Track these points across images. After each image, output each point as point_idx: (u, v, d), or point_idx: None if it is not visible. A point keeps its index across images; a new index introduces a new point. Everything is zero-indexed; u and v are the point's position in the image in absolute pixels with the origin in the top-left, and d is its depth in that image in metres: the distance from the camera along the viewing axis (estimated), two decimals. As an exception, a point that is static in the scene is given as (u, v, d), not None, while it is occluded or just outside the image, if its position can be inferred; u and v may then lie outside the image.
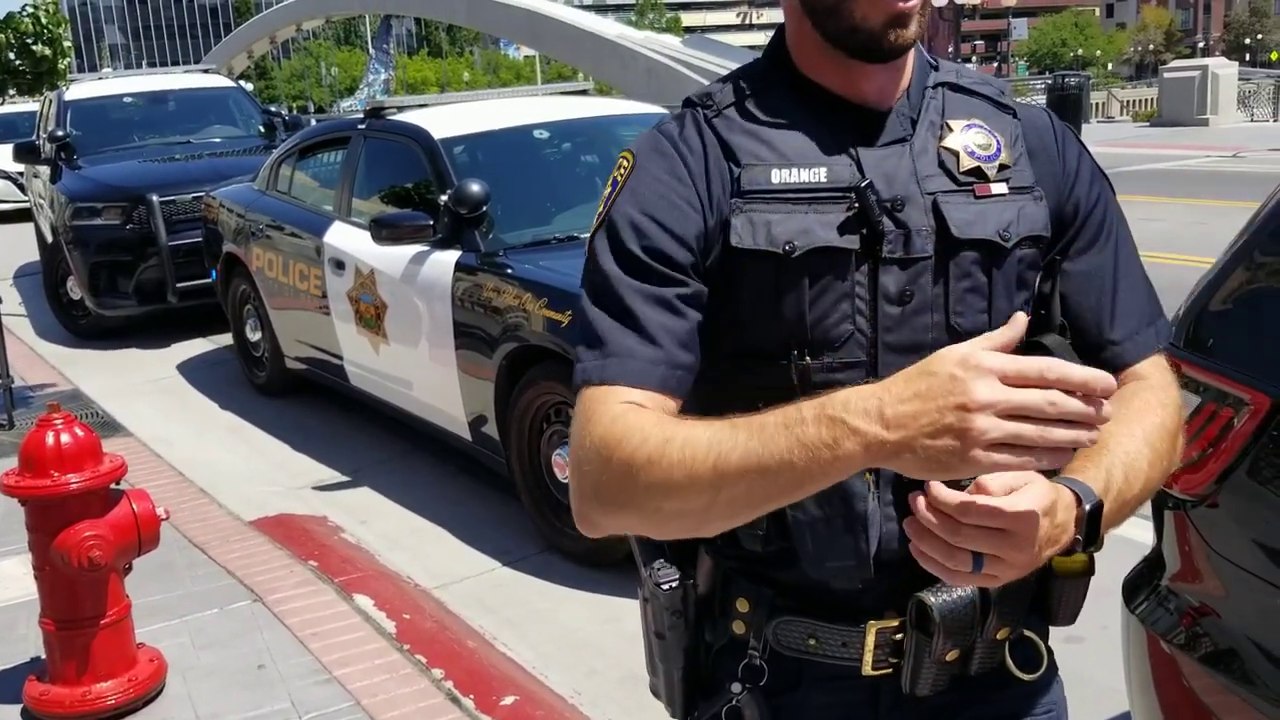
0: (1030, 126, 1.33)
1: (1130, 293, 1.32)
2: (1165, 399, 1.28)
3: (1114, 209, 1.35)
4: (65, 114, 10.00)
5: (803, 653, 1.31)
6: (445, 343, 4.75)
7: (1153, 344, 1.32)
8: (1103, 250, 1.32)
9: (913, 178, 1.25)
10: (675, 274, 1.24)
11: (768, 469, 1.03)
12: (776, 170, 1.25)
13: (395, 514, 4.92)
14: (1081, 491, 1.12)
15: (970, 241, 1.25)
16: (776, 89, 1.30)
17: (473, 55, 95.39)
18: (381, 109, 6.06)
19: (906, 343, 1.24)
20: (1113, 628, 2.25)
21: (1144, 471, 1.20)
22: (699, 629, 1.38)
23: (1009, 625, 1.28)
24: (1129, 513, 1.22)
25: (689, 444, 1.09)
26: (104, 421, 6.21)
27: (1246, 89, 24.63)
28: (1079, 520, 1.11)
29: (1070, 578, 1.31)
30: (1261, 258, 2.04)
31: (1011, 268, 1.27)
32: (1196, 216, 10.97)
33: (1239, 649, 1.92)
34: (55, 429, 3.07)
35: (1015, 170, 1.29)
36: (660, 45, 28.40)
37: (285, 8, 53.56)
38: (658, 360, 1.20)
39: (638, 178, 1.29)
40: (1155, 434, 1.23)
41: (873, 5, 1.19)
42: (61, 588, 3.14)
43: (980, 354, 0.97)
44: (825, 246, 1.23)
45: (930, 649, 1.24)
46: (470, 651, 3.59)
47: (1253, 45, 78.09)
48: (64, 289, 9.03)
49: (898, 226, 1.23)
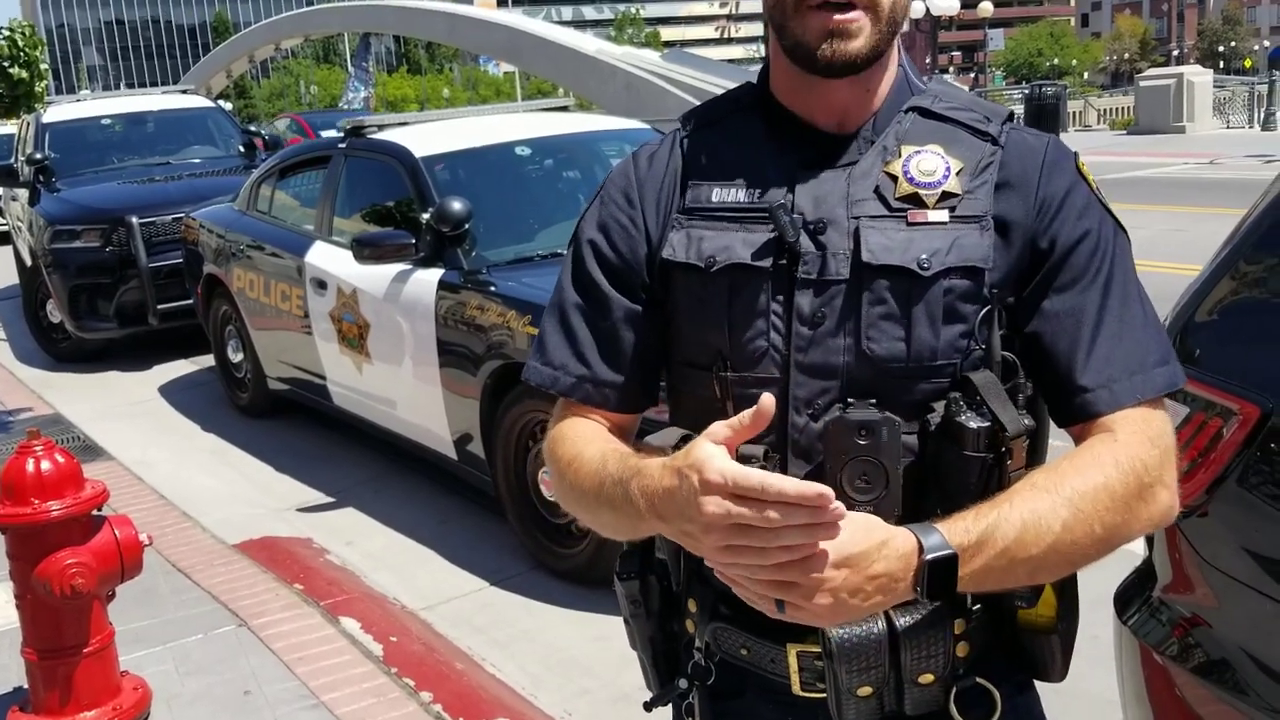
0: (1015, 156, 1.28)
1: (1114, 338, 1.24)
2: (1123, 456, 1.18)
3: (1108, 250, 1.26)
4: (43, 136, 9.94)
5: (740, 661, 1.34)
6: (429, 361, 4.73)
7: (1131, 395, 1.22)
8: (1084, 291, 1.24)
9: (843, 201, 1.26)
10: (617, 294, 1.34)
11: (615, 508, 1.20)
12: (718, 189, 1.31)
13: (381, 535, 4.89)
14: (928, 543, 1.10)
15: (884, 268, 1.23)
16: (749, 111, 1.35)
17: (452, 72, 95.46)
18: (361, 127, 6.04)
19: (818, 364, 1.25)
20: (1103, 639, 2.24)
21: (1053, 532, 1.13)
22: (666, 621, 1.44)
23: (932, 671, 1.23)
24: (1032, 575, 1.17)
25: (581, 466, 1.26)
26: (85, 445, 6.16)
27: (1222, 96, 24.83)
28: (917, 570, 1.09)
29: (1036, 633, 1.30)
30: (1246, 267, 2.04)
31: (935, 298, 1.22)
32: (1175, 224, 11.04)
33: (1231, 659, 1.91)
34: (35, 456, 3.04)
35: (966, 199, 1.25)
36: (639, 60, 28.46)
37: (264, 27, 53.52)
38: (585, 378, 1.34)
39: (601, 199, 1.39)
40: (1087, 495, 1.15)
41: (810, 21, 1.22)
42: (44, 617, 3.10)
43: (709, 467, 1.02)
44: (741, 263, 1.27)
45: (840, 680, 1.22)
46: (459, 673, 3.56)
47: (1226, 53, 78.80)
48: (44, 312, 8.97)
49: (817, 249, 1.25)
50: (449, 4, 34.63)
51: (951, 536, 1.11)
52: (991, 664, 1.29)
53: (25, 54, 30.69)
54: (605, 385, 1.34)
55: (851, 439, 1.20)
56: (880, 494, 1.20)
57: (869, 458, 1.20)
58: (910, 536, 1.10)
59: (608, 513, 1.21)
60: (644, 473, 1.12)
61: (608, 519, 1.22)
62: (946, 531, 1.11)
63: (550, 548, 4.30)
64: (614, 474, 1.18)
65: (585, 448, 1.26)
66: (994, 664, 1.30)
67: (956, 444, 1.20)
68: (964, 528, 1.12)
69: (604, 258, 1.35)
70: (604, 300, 1.34)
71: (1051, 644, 1.30)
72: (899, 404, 1.22)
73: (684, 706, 1.40)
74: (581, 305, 1.36)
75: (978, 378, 1.22)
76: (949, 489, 1.21)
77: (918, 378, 1.23)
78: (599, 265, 1.35)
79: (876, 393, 1.23)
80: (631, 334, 1.34)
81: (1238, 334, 2.00)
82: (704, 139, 1.36)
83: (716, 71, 27.06)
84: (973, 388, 1.21)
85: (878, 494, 1.19)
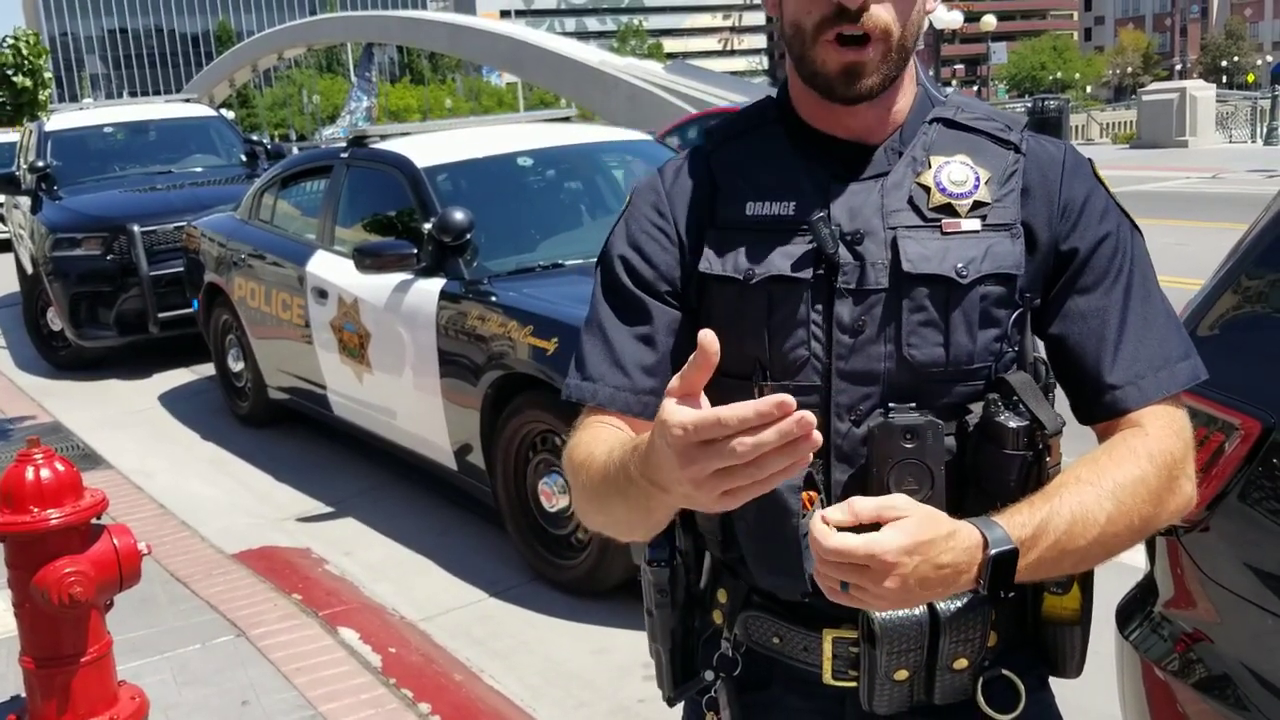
0: (1035, 163, 1.32)
1: (1139, 336, 1.28)
2: (1155, 450, 1.24)
3: (1127, 250, 1.31)
4: (45, 144, 9.95)
5: (770, 651, 1.36)
6: (430, 371, 4.73)
7: (1158, 390, 1.27)
8: (1108, 292, 1.29)
9: (878, 212, 1.29)
10: (654, 303, 1.35)
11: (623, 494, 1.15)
12: (751, 203, 1.33)
13: (380, 545, 4.88)
14: (992, 537, 1.13)
15: (923, 276, 1.26)
16: (772, 126, 1.37)
17: (455, 82, 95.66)
18: (364, 137, 6.05)
19: (860, 371, 1.28)
20: (1104, 653, 2.23)
21: (1099, 524, 1.18)
22: (688, 615, 1.45)
23: (967, 657, 1.27)
24: (1076, 565, 1.22)
25: (592, 463, 1.24)
26: (85, 454, 6.15)
27: (1224, 111, 24.85)
28: (982, 564, 1.12)
29: (1059, 625, 1.34)
30: (1249, 282, 2.04)
31: (972, 304, 1.27)
32: (1177, 237, 11.03)
33: (1233, 675, 1.91)
34: (35, 464, 3.03)
35: (995, 207, 1.29)
36: (642, 71, 28.56)
37: (267, 36, 53.69)
38: (623, 388, 1.33)
39: (630, 214, 1.41)
40: (1127, 487, 1.20)
41: (829, 54, 1.25)
42: (42, 625, 3.09)
43: (670, 424, 0.98)
44: (780, 275, 1.29)
45: (878, 664, 1.25)
46: (458, 685, 3.55)
47: (1229, 67, 78.94)
48: (44, 320, 8.97)
49: (855, 259, 1.28)
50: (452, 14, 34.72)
51: (1011, 530, 1.14)
52: (1015, 657, 1.33)
53: (30, 62, 30.74)
54: (645, 393, 1.33)
55: (897, 442, 1.24)
56: (926, 494, 1.22)
57: (914, 460, 1.24)
58: (975, 530, 1.13)
59: (618, 502, 1.18)
60: (639, 448, 1.11)
61: (620, 510, 1.20)
62: (1007, 525, 1.15)
63: (550, 559, 4.29)
64: (617, 460, 1.17)
65: (597, 448, 1.26)
66: (1017, 657, 1.33)
67: (996, 443, 1.24)
68: (1021, 521, 1.15)
69: (636, 270, 1.37)
70: (640, 310, 1.35)
71: (1074, 636, 1.34)
72: (937, 406, 1.27)
73: (705, 701, 1.41)
74: (617, 318, 1.36)
75: (1014, 379, 1.27)
76: (988, 487, 1.25)
77: (956, 381, 1.28)
78: (631, 278, 1.37)
79: (916, 396, 1.27)
80: (671, 341, 1.35)
81: (1240, 349, 2.00)
82: (731, 153, 1.38)
83: (719, 83, 27.14)
84: (1009, 388, 1.26)
85: (924, 495, 1.22)
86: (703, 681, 1.41)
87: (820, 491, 1.28)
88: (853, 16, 1.23)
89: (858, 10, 1.22)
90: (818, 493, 1.27)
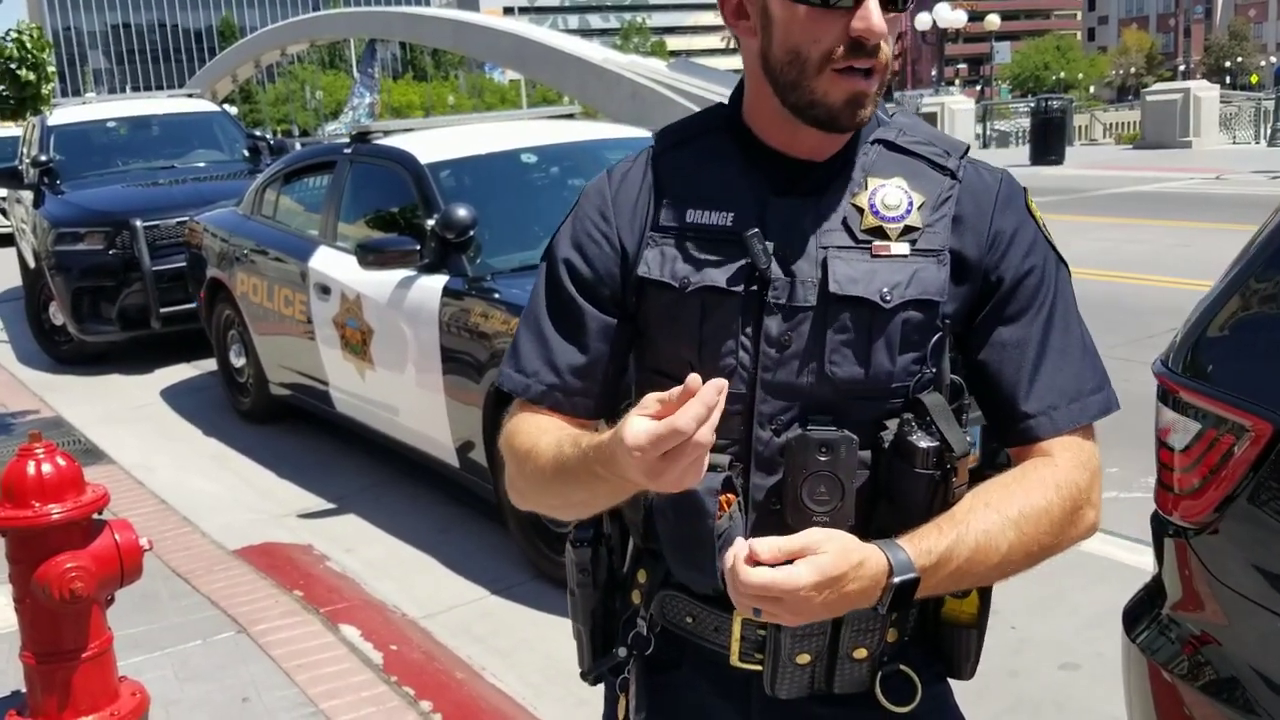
0: (969, 191, 1.35)
1: (1055, 368, 1.33)
2: (1063, 481, 1.30)
3: (1052, 282, 1.35)
4: (48, 139, 9.95)
5: (683, 630, 1.41)
6: (432, 368, 4.72)
7: (1070, 421, 1.33)
8: (1031, 323, 1.34)
9: (812, 231, 1.32)
10: (590, 308, 1.40)
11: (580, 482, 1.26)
12: (692, 210, 1.36)
13: (382, 542, 4.87)
14: (897, 564, 1.20)
15: (849, 299, 1.30)
16: (721, 134, 1.40)
17: (457, 79, 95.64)
18: (367, 133, 6.03)
19: (783, 384, 1.32)
20: (1108, 655, 2.23)
21: (1000, 552, 1.25)
22: (608, 596, 1.50)
23: (866, 647, 1.34)
24: (972, 584, 1.31)
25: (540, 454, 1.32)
26: (86, 449, 6.15)
27: (1228, 111, 24.80)
28: (885, 589, 1.19)
29: (956, 626, 1.40)
30: (1257, 284, 2.02)
31: (895, 328, 1.30)
32: (1180, 238, 11.02)
33: (1241, 678, 1.89)
34: (37, 458, 3.02)
35: (926, 232, 1.32)
36: (645, 69, 28.53)
37: (270, 32, 53.69)
38: (555, 387, 1.40)
39: (576, 215, 1.45)
40: (1030, 518, 1.26)
41: (834, 85, 1.26)
42: (42, 620, 3.08)
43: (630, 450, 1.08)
44: (714, 287, 1.33)
45: (782, 646, 1.32)
46: (459, 683, 3.54)
47: (1232, 68, 78.88)
48: (46, 315, 8.96)
49: (786, 275, 1.31)
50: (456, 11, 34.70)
51: (916, 558, 1.21)
52: (912, 655, 1.39)
53: (33, 56, 30.75)
54: (575, 394, 1.40)
55: (813, 455, 1.29)
56: (836, 505, 1.29)
57: (827, 472, 1.29)
58: (881, 558, 1.19)
59: (579, 491, 1.28)
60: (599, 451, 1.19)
61: (581, 496, 1.29)
62: (912, 551, 1.21)
63: (551, 557, 4.28)
64: (573, 456, 1.26)
65: (541, 438, 1.34)
66: (914, 655, 1.39)
67: (907, 461, 1.29)
68: (927, 548, 1.22)
69: (577, 272, 1.41)
70: (577, 313, 1.40)
71: (970, 638, 1.41)
72: (854, 422, 1.32)
73: (619, 681, 1.46)
74: (555, 316, 1.42)
75: (929, 400, 1.31)
76: (899, 502, 1.30)
77: (874, 399, 1.32)
78: (572, 280, 1.41)
79: (835, 411, 1.32)
80: (604, 346, 1.40)
81: (1250, 350, 1.99)
82: (677, 158, 1.41)
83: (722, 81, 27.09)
84: (924, 409, 1.31)
85: (834, 505, 1.29)
86: (616, 658, 1.45)
87: (739, 495, 1.31)
88: (869, 52, 1.25)
89: (874, 46, 1.25)
90: (736, 495, 1.31)
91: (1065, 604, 3.72)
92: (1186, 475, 1.95)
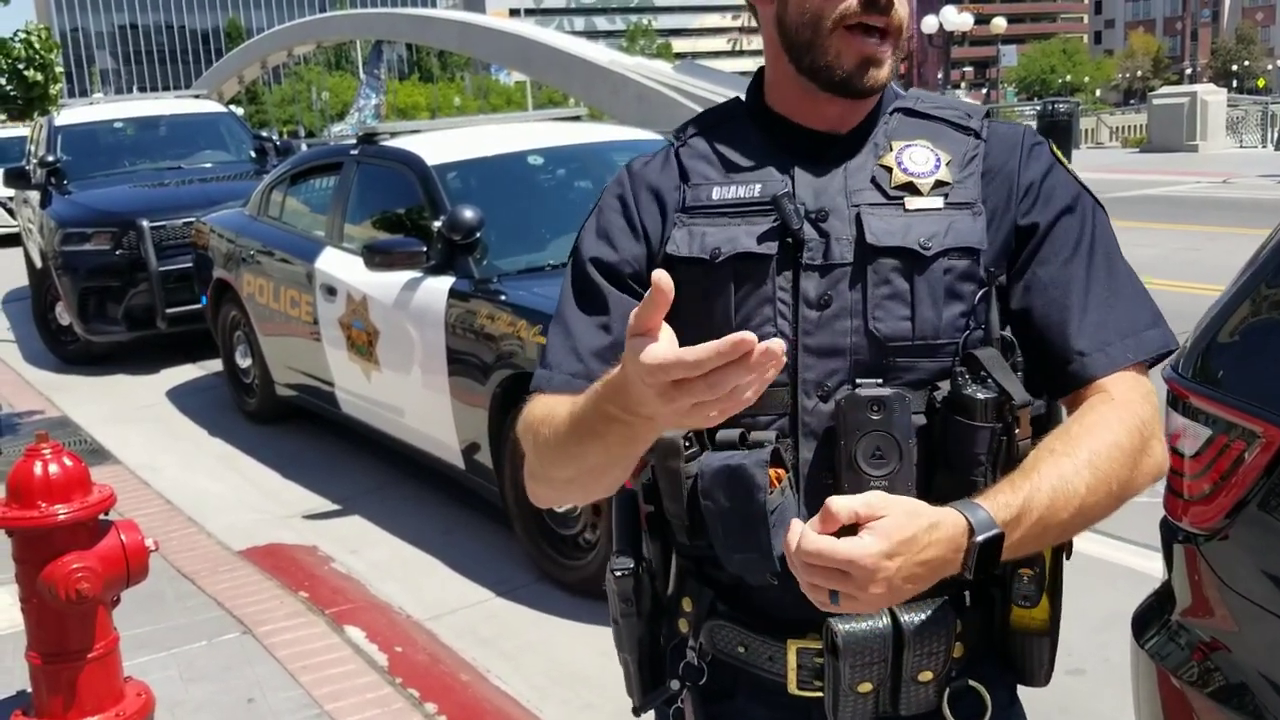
0: (996, 146, 1.34)
1: (1105, 304, 1.29)
2: (1126, 415, 1.24)
3: (1089, 224, 1.33)
4: (56, 139, 9.96)
5: (735, 660, 1.36)
6: (438, 369, 4.72)
7: (1125, 357, 1.28)
8: (1069, 263, 1.30)
9: (841, 192, 1.31)
10: (615, 291, 1.38)
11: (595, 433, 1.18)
12: (718, 188, 1.36)
13: (387, 543, 4.87)
14: (977, 521, 1.11)
15: (888, 249, 1.28)
16: (740, 120, 1.41)
17: (463, 80, 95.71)
18: (374, 134, 6.03)
19: (826, 346, 1.29)
20: (1114, 660, 2.22)
21: (1079, 495, 1.18)
22: (654, 623, 1.44)
23: (931, 669, 1.25)
24: (1059, 537, 1.22)
25: (555, 415, 1.27)
26: (92, 449, 6.15)
27: (1235, 115, 24.77)
28: (968, 551, 1.11)
29: (1027, 635, 1.33)
30: (1268, 290, 2.01)
31: (937, 277, 1.28)
32: (1187, 242, 11.00)
33: (1250, 684, 1.89)
34: (43, 459, 3.02)
35: (956, 187, 1.31)
36: (651, 71, 28.56)
37: (277, 33, 53.77)
38: (579, 374, 1.34)
39: (599, 209, 1.45)
40: (1102, 454, 1.20)
41: (846, 45, 1.27)
42: (48, 620, 3.08)
43: (645, 371, 1.01)
44: (746, 253, 1.31)
45: (842, 676, 1.23)
46: (464, 685, 3.53)
47: (1239, 72, 78.73)
48: (53, 314, 8.97)
49: (820, 235, 1.29)
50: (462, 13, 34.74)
51: (995, 513, 1.13)
52: (982, 667, 1.32)
53: (41, 57, 30.82)
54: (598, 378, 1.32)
55: (865, 414, 1.23)
56: (895, 468, 1.23)
57: (881, 431, 1.23)
58: (959, 517, 1.11)
59: (594, 447, 1.21)
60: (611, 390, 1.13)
61: (595, 455, 1.22)
62: (990, 507, 1.13)
63: (557, 559, 4.27)
64: (587, 408, 1.20)
65: (558, 408, 1.29)
66: (984, 668, 1.32)
67: (965, 415, 1.24)
68: (1005, 502, 1.14)
69: (601, 261, 1.40)
70: (600, 298, 1.39)
71: (1043, 646, 1.34)
72: (904, 382, 1.27)
73: (672, 711, 1.41)
74: (578, 306, 1.40)
75: (982, 353, 1.26)
76: (958, 462, 1.25)
77: (922, 355, 1.28)
78: (597, 267, 1.40)
79: (883, 372, 1.27)
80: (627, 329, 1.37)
81: (1261, 356, 1.98)
82: (700, 145, 1.41)
83: (728, 83, 27.10)
84: (977, 363, 1.26)
85: (892, 468, 1.23)
86: (668, 691, 1.40)
87: (789, 470, 1.28)
88: (881, 9, 1.26)
89: (886, 3, 1.26)
90: (785, 470, 1.27)
91: (1073, 608, 3.69)
92: (1197, 481, 1.94)
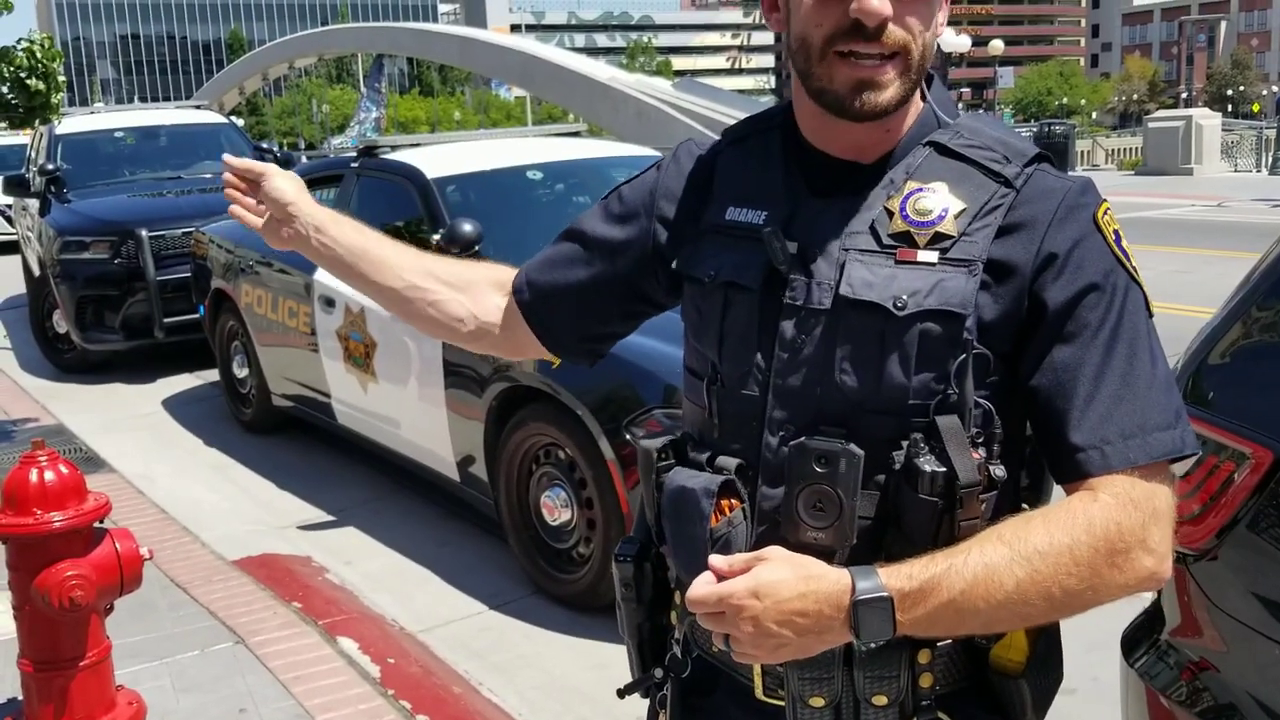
0: (1031, 199, 1.24)
1: (1115, 397, 1.19)
2: (1098, 519, 1.15)
3: (1116, 306, 1.22)
4: (56, 148, 9.97)
5: (713, 658, 1.38)
6: (435, 382, 4.73)
7: (1123, 459, 1.18)
8: (1087, 346, 1.20)
9: (838, 232, 1.27)
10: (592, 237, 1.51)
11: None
12: (732, 208, 1.36)
13: (381, 555, 4.87)
14: (861, 584, 1.13)
15: (860, 303, 1.23)
16: (773, 133, 1.39)
17: (464, 95, 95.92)
18: (374, 147, 6.06)
19: (795, 389, 1.27)
20: (1103, 679, 2.23)
21: (1005, 590, 1.13)
22: (654, 612, 1.46)
23: (886, 694, 1.23)
24: (983, 627, 1.19)
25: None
26: (87, 457, 6.15)
27: (1230, 139, 24.87)
28: (849, 611, 1.12)
29: (1005, 675, 1.29)
30: (1259, 313, 2.03)
31: (910, 340, 1.21)
32: (1181, 265, 11.03)
33: (1239, 704, 1.89)
34: (39, 466, 3.02)
35: (961, 241, 1.23)
36: (651, 88, 28.65)
37: (278, 45, 53.89)
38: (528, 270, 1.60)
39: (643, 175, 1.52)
40: (1048, 555, 1.13)
41: (838, 70, 1.24)
42: (41, 628, 3.08)
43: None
44: (734, 281, 1.32)
45: (791, 686, 1.25)
46: (456, 698, 3.53)
47: (1234, 97, 78.99)
48: (50, 323, 8.96)
49: (805, 276, 1.27)
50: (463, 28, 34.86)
51: (891, 581, 1.13)
52: (962, 703, 1.29)
53: (44, 66, 30.84)
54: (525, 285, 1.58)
55: (810, 465, 1.23)
56: (832, 522, 1.21)
57: (825, 485, 1.22)
58: (845, 576, 1.14)
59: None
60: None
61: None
62: (887, 575, 1.14)
63: (551, 573, 4.28)
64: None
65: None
66: (964, 704, 1.30)
67: (911, 485, 1.20)
68: (908, 573, 1.14)
69: (608, 210, 1.51)
70: (583, 235, 1.52)
71: (1020, 688, 1.29)
72: (868, 438, 1.23)
73: (658, 699, 1.44)
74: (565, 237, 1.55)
75: (944, 423, 1.20)
76: (905, 529, 1.22)
77: (888, 415, 1.23)
78: (605, 209, 1.51)
79: (847, 425, 1.24)
80: (583, 270, 1.51)
81: (1251, 378, 1.99)
82: (731, 155, 1.42)
83: (727, 101, 27.19)
84: (936, 432, 1.21)
85: (830, 521, 1.22)
86: (652, 679, 1.43)
87: (744, 502, 1.28)
88: (871, 35, 1.21)
89: (876, 28, 1.20)
90: (741, 502, 1.28)
91: (1062, 627, 3.71)
92: (1186, 502, 1.95)
